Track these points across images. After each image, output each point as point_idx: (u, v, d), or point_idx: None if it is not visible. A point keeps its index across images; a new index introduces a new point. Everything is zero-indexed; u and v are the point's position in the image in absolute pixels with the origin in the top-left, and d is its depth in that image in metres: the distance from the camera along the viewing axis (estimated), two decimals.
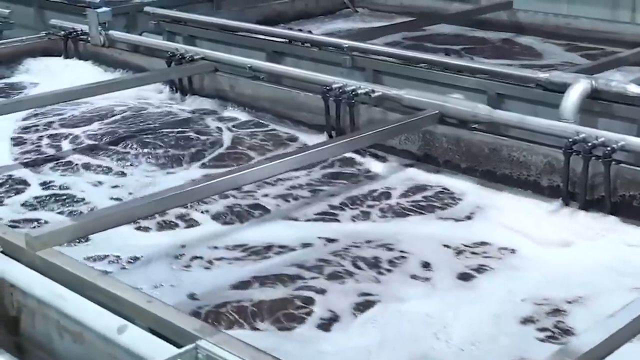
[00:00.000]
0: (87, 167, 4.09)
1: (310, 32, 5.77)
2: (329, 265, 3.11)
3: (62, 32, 5.85)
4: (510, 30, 6.51)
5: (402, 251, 3.22)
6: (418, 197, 3.73)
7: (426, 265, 3.12)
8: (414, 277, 3.04)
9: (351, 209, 3.62)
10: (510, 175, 3.75)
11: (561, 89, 4.21)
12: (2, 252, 2.77)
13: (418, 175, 3.92)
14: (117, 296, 2.46)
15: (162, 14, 6.39)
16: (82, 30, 5.76)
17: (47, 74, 5.54)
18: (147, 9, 6.48)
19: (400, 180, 3.89)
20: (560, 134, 3.61)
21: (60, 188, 3.79)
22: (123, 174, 4.00)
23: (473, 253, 3.21)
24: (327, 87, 4.29)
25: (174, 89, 5.13)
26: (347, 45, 5.17)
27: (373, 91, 4.18)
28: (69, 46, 5.80)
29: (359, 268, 3.09)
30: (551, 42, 6.18)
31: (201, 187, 3.11)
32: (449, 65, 4.82)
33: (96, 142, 4.42)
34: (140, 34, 6.30)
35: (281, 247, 3.26)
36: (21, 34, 6.51)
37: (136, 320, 2.38)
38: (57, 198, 3.66)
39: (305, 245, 3.28)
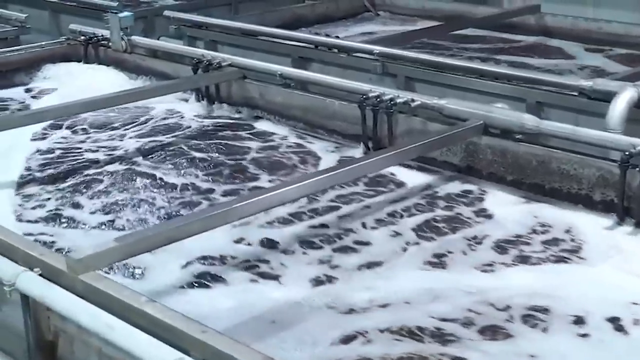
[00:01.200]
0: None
1: (337, 37, 5.62)
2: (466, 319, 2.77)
3: (82, 37, 5.69)
4: (539, 34, 6.37)
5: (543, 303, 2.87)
6: (541, 238, 3.35)
7: (579, 319, 2.78)
8: (566, 333, 2.72)
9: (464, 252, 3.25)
10: (559, 188, 3.60)
11: (605, 97, 4.08)
12: (40, 274, 2.63)
13: (535, 210, 3.57)
14: (168, 325, 2.30)
15: (182, 18, 6.24)
16: (102, 35, 5.60)
17: (67, 81, 5.38)
18: (167, 13, 6.34)
19: (517, 218, 3.50)
20: (614, 147, 3.46)
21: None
22: None
23: (628, 304, 2.87)
24: (364, 96, 4.14)
25: (200, 96, 4.97)
26: (377, 51, 5.03)
27: (412, 100, 4.03)
28: (89, 52, 5.64)
29: (510, 322, 2.77)
30: (582, 46, 6.04)
31: (246, 205, 2.95)
32: (485, 72, 4.68)
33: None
34: (158, 38, 6.14)
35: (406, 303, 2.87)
36: (36, 38, 6.37)
37: (190, 351, 2.23)
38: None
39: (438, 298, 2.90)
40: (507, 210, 3.57)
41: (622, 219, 3.38)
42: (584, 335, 2.70)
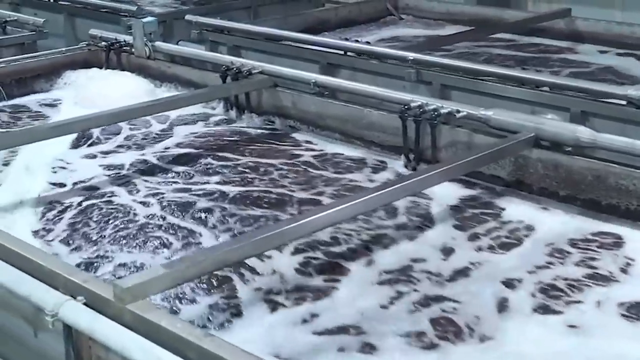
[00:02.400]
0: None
1: (367, 42, 5.45)
2: None
3: (104, 43, 5.51)
4: (570, 39, 6.20)
5: None
6: None
7: None
8: None
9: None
10: (617, 205, 3.43)
11: None
12: (85, 303, 2.46)
13: None
14: None
15: (204, 23, 6.07)
16: (125, 40, 5.42)
17: (89, 88, 5.18)
18: (188, 17, 6.17)
19: None
20: None
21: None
22: None
23: None
24: (406, 106, 3.97)
25: (229, 105, 4.79)
26: (412, 58, 4.86)
27: (457, 111, 3.85)
28: (111, 58, 5.46)
29: None
30: (615, 51, 5.86)
31: (298, 226, 2.78)
32: (527, 80, 4.51)
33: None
34: (177, 43, 5.97)
35: None
36: (52, 43, 6.20)
37: None
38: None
39: None
40: None
41: None
42: None
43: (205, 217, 3.48)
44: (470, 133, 3.86)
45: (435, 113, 3.89)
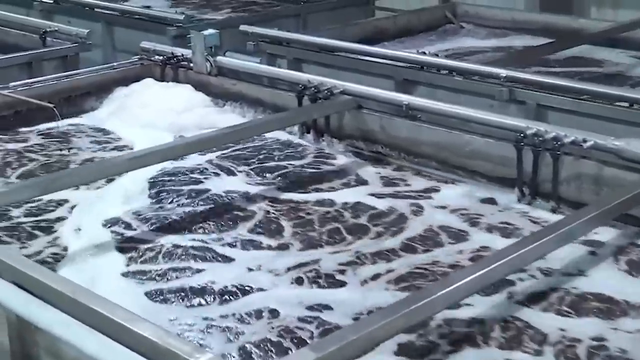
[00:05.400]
0: None
1: (446, 56, 5.03)
2: None
3: (157, 57, 5.07)
4: None
5: None
6: None
7: None
8: None
9: None
10: None
11: None
12: None
13: None
14: None
15: (261, 34, 5.63)
16: (183, 54, 4.98)
17: (145, 106, 4.74)
18: (243, 27, 5.74)
19: None
20: None
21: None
22: None
23: None
24: (521, 134, 3.53)
25: (305, 128, 4.34)
26: (504, 75, 4.42)
27: (584, 140, 3.41)
28: (166, 73, 5.02)
29: None
30: None
31: (451, 291, 2.34)
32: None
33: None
34: (224, 54, 5.53)
35: None
36: (90, 54, 5.77)
37: None
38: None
39: None
40: None
41: None
42: None
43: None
44: (598, 165, 3.42)
45: (558, 143, 3.45)
